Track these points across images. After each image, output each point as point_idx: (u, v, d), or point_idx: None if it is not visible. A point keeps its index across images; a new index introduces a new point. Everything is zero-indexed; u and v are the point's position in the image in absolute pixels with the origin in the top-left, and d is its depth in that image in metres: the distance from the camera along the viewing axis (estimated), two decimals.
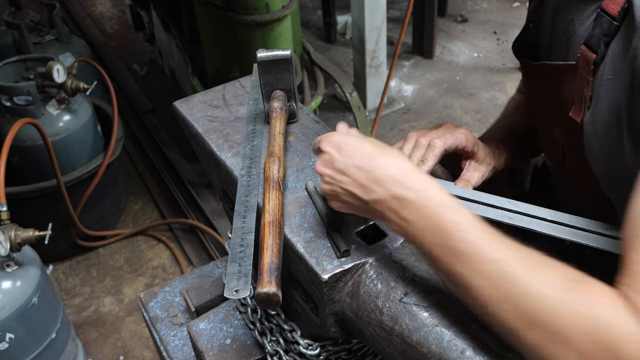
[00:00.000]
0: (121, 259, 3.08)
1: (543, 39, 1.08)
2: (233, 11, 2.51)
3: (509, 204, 1.05)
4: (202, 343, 1.30)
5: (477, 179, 1.16)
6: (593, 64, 0.90)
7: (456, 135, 1.12)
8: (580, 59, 0.92)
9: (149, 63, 4.65)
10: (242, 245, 0.93)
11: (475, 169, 1.17)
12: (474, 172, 1.16)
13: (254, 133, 1.19)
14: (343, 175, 0.87)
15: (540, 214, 1.03)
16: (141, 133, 3.86)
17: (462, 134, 1.13)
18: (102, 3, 5.73)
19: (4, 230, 1.89)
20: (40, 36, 3.26)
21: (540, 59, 1.05)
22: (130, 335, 2.68)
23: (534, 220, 1.02)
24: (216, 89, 1.37)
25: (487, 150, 1.19)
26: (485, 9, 5.17)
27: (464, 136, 1.13)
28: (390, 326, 0.87)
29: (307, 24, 5.04)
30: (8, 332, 1.93)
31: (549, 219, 1.02)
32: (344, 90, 3.29)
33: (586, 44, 0.91)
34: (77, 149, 2.82)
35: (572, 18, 0.97)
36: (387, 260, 0.93)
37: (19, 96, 2.64)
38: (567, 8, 0.99)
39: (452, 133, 1.13)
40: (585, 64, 0.91)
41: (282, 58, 1.13)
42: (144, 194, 3.48)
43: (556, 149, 1.13)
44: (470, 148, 1.15)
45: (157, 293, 1.63)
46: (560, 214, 1.04)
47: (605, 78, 0.89)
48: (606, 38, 0.88)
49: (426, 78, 4.35)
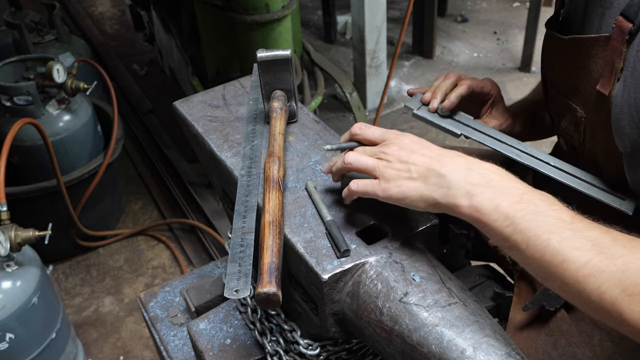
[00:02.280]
0: (121, 259, 3.08)
1: (577, 14, 1.08)
2: (233, 11, 2.51)
3: (519, 144, 1.15)
4: (202, 343, 1.30)
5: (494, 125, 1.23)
6: (628, 34, 0.90)
7: (480, 80, 1.20)
8: (614, 30, 0.92)
9: (149, 63, 4.65)
10: (242, 245, 0.93)
11: (494, 117, 1.25)
12: (491, 119, 1.24)
13: (254, 133, 1.19)
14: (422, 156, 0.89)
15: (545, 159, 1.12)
16: (141, 133, 3.86)
17: (488, 81, 1.22)
18: (102, 3, 5.73)
19: (4, 230, 1.89)
20: (40, 36, 3.26)
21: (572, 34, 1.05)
22: (130, 335, 2.68)
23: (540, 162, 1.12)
24: (216, 89, 1.37)
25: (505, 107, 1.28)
26: (485, 9, 5.17)
27: (489, 82, 1.22)
28: (390, 326, 0.87)
29: (307, 24, 5.04)
30: (8, 332, 1.93)
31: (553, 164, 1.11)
32: (344, 90, 3.29)
33: (623, 14, 0.91)
34: (77, 149, 2.82)
35: None
36: (387, 260, 0.93)
37: (19, 96, 2.64)
38: None
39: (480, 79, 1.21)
40: (620, 35, 0.91)
41: (282, 58, 1.13)
42: (144, 194, 3.48)
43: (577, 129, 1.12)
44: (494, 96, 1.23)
45: (157, 293, 1.63)
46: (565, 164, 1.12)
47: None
48: None
49: (426, 78, 4.35)
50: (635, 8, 0.89)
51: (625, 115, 0.94)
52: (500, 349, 0.80)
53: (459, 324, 0.83)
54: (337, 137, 1.20)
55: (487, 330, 0.82)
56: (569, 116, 1.13)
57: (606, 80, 0.96)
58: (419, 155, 0.89)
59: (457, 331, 0.82)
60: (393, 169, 0.89)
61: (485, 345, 0.80)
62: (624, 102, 0.94)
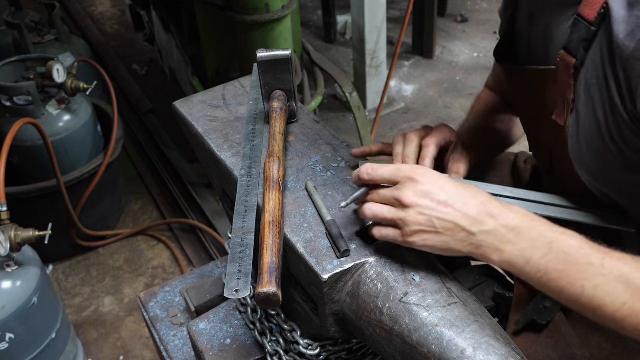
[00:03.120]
0: (121, 259, 3.08)
1: (521, 45, 1.09)
2: (233, 11, 2.51)
3: (503, 190, 1.08)
4: (202, 343, 1.30)
5: (464, 170, 1.17)
6: (573, 68, 0.91)
7: (442, 131, 1.12)
8: (560, 64, 0.93)
9: (149, 63, 4.65)
10: (242, 245, 0.93)
11: (460, 160, 1.17)
12: (460, 164, 1.16)
13: (254, 133, 1.19)
14: (447, 207, 0.85)
15: (534, 198, 1.08)
16: (141, 133, 3.86)
17: (446, 129, 1.13)
18: (102, 3, 5.73)
19: (4, 230, 1.89)
20: (40, 36, 3.25)
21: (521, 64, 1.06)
22: (130, 335, 2.68)
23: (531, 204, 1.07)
24: (216, 89, 1.37)
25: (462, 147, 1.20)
26: (485, 9, 5.16)
27: (447, 130, 1.13)
28: (390, 326, 0.87)
29: (307, 24, 5.04)
30: (8, 332, 1.93)
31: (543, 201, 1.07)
32: (344, 90, 3.29)
33: (565, 49, 0.92)
34: (77, 149, 2.82)
35: (549, 24, 0.98)
36: (387, 260, 0.93)
37: (19, 96, 2.64)
38: (543, 14, 1.00)
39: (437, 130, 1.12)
40: (566, 69, 0.92)
41: (282, 58, 1.13)
42: (144, 194, 3.48)
43: (544, 152, 1.14)
44: (455, 140, 1.15)
45: (157, 293, 1.63)
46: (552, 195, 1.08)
47: (589, 82, 0.90)
48: (585, 43, 0.89)
49: (426, 78, 4.35)
50: (576, 43, 0.90)
51: (582, 145, 0.96)
52: (500, 349, 0.80)
53: (459, 324, 0.83)
54: (337, 137, 1.20)
55: (487, 330, 0.82)
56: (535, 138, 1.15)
57: (560, 110, 0.97)
58: (442, 206, 0.85)
59: (457, 331, 0.82)
60: (415, 223, 0.85)
61: (485, 345, 0.80)
62: (579, 133, 0.95)
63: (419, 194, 0.86)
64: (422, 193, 0.86)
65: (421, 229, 0.85)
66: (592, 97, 0.90)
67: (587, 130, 0.94)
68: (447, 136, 1.11)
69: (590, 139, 0.94)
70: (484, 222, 0.84)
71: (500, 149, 1.38)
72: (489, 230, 0.83)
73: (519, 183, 1.43)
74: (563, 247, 0.82)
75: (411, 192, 0.86)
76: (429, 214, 0.85)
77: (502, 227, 0.83)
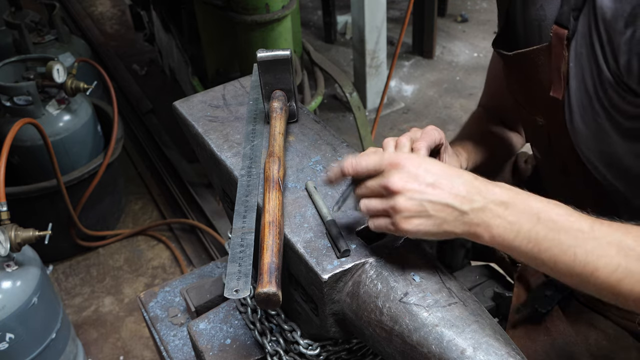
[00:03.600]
0: (121, 259, 3.08)
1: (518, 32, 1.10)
2: (233, 11, 2.51)
3: None
4: (202, 343, 1.30)
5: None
6: (566, 39, 0.93)
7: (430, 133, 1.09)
8: (553, 38, 0.95)
9: (149, 63, 4.65)
10: (242, 245, 0.93)
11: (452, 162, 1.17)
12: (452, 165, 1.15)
13: (254, 133, 1.19)
14: (435, 189, 0.82)
15: None
16: (141, 133, 3.86)
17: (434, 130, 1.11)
18: (102, 3, 5.73)
19: (4, 230, 1.89)
20: (40, 36, 3.26)
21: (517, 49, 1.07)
22: (130, 335, 2.68)
23: None
24: (216, 89, 1.37)
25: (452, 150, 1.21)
26: (485, 9, 5.16)
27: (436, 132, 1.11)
28: (390, 326, 0.87)
29: (307, 24, 5.04)
30: (8, 332, 1.93)
31: None
32: (344, 90, 3.29)
33: (557, 22, 0.94)
34: (77, 149, 2.82)
35: (541, 4, 1.00)
36: (387, 260, 0.93)
37: (19, 96, 2.64)
38: None
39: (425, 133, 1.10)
40: (559, 42, 0.94)
41: (282, 58, 1.13)
42: (144, 194, 3.48)
43: (542, 137, 1.15)
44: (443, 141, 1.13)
45: (157, 293, 1.63)
46: None
47: (579, 52, 0.92)
48: (575, 12, 0.90)
49: (426, 78, 4.35)
50: (566, 15, 0.91)
51: (576, 116, 0.98)
52: (500, 349, 0.80)
53: (459, 324, 0.83)
54: (337, 137, 1.20)
55: (487, 330, 0.82)
56: (533, 126, 1.15)
57: (557, 85, 0.98)
58: (431, 188, 0.83)
59: (457, 331, 0.82)
60: (406, 209, 0.83)
61: (485, 345, 0.80)
62: (572, 104, 0.97)
63: (405, 178, 0.83)
64: (409, 177, 0.84)
65: (412, 214, 0.83)
66: (582, 66, 0.92)
67: (579, 101, 0.96)
68: (436, 138, 1.10)
69: (582, 108, 0.96)
70: (473, 200, 0.82)
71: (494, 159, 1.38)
72: (478, 207, 0.82)
73: (520, 182, 1.43)
74: (551, 216, 0.81)
75: (397, 178, 0.84)
76: (419, 198, 0.82)
77: (490, 202, 0.82)
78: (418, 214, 0.83)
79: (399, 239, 0.96)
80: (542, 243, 0.80)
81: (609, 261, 0.78)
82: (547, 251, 0.80)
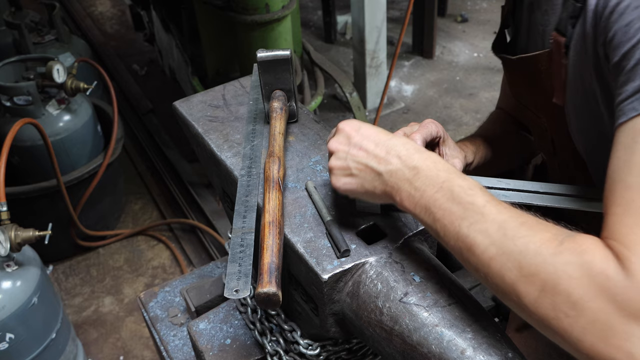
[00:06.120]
0: (121, 259, 3.08)
1: (521, 36, 1.10)
2: (233, 11, 2.51)
3: (499, 183, 1.09)
4: (202, 343, 1.30)
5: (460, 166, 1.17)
6: (565, 47, 0.93)
7: (426, 126, 1.11)
8: (553, 45, 0.95)
9: (149, 63, 4.65)
10: (242, 245, 0.93)
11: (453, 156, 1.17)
12: (455, 160, 1.16)
13: (254, 133, 1.19)
14: (360, 150, 0.89)
15: (530, 188, 1.07)
16: (141, 133, 3.86)
17: (432, 124, 1.13)
18: (102, 3, 5.73)
19: (4, 230, 1.89)
20: (40, 36, 3.26)
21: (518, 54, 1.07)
22: (130, 335, 2.68)
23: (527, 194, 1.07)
24: (216, 89, 1.37)
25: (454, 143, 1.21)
26: (485, 9, 5.17)
27: (433, 125, 1.13)
28: (390, 326, 0.87)
29: (307, 24, 5.04)
30: (8, 332, 1.93)
31: (540, 191, 1.07)
32: (344, 90, 3.29)
33: (557, 29, 0.94)
34: (77, 149, 2.82)
35: (546, 9, 1.01)
36: (387, 260, 0.93)
37: (19, 96, 2.64)
38: (540, 1, 1.02)
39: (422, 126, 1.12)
40: (558, 49, 0.94)
41: (282, 58, 1.13)
42: (144, 194, 3.48)
43: (546, 139, 1.16)
44: (442, 134, 1.15)
45: (157, 293, 1.63)
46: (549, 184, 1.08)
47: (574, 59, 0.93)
48: (572, 20, 0.90)
49: (426, 78, 4.35)
50: (565, 22, 0.92)
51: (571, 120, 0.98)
52: (500, 349, 0.80)
53: (459, 324, 0.83)
54: None
55: (487, 330, 0.82)
56: (538, 129, 1.16)
57: (559, 92, 0.99)
58: (356, 149, 0.90)
59: (457, 331, 0.82)
60: (335, 167, 0.92)
61: (485, 345, 0.80)
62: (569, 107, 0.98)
63: (340, 140, 0.92)
64: (343, 139, 0.92)
65: (340, 173, 0.91)
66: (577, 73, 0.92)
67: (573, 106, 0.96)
68: (433, 130, 1.11)
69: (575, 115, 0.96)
70: (389, 162, 0.86)
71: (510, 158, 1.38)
72: (392, 169, 0.86)
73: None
74: (452, 186, 0.80)
75: (333, 140, 0.93)
76: (344, 157, 0.90)
77: (404, 166, 0.85)
78: (344, 172, 0.91)
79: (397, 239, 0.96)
80: (437, 212, 0.80)
81: (485, 237, 0.75)
82: (439, 220, 0.80)
